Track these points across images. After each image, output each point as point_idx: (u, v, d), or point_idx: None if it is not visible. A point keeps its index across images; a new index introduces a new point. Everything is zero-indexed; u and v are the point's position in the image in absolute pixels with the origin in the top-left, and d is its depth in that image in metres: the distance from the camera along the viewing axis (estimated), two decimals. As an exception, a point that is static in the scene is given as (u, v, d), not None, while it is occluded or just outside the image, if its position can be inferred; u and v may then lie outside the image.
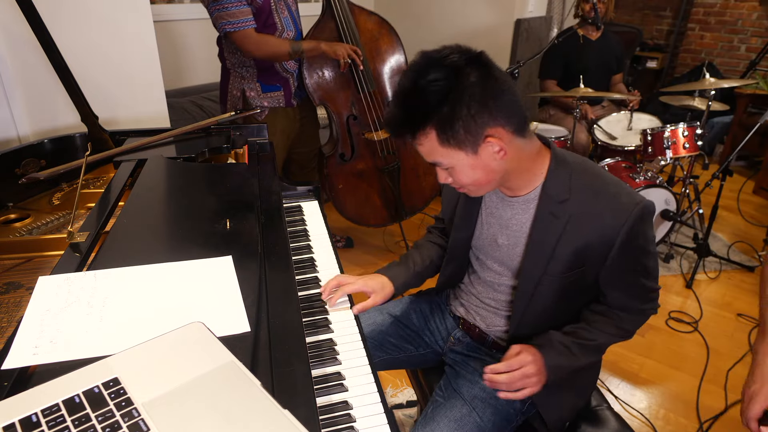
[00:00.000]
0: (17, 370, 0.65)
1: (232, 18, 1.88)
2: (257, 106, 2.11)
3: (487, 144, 0.87)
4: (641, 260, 0.98)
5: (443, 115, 0.84)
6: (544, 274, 0.99)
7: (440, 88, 0.83)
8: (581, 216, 0.94)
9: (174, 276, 0.84)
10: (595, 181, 0.96)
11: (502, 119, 0.87)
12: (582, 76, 2.70)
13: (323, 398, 0.84)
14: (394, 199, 2.62)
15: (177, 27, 2.92)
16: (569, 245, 0.95)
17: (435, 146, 0.89)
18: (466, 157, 0.89)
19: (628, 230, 0.92)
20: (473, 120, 0.84)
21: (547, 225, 0.97)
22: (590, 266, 0.98)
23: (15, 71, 1.52)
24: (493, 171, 0.92)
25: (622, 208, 0.92)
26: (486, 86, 0.84)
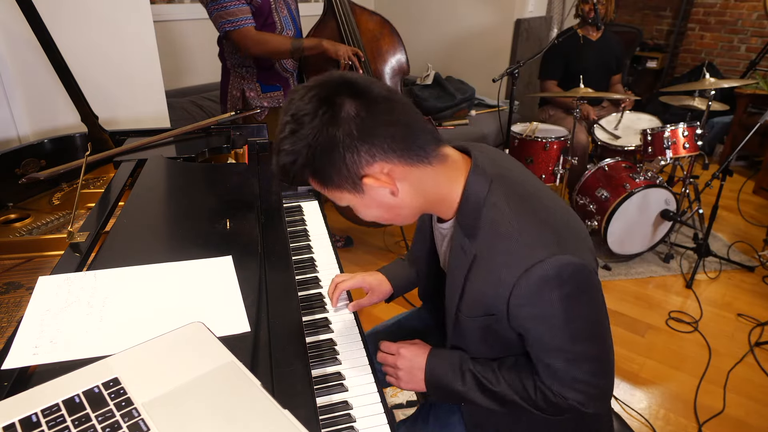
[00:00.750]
0: (17, 370, 0.66)
1: (231, 17, 1.88)
2: (257, 106, 2.11)
3: (368, 186, 0.76)
4: (545, 336, 0.79)
5: (311, 164, 0.74)
6: (459, 311, 0.86)
7: (294, 150, 0.73)
8: (483, 259, 0.79)
9: (174, 276, 0.84)
10: (506, 217, 0.77)
11: (383, 154, 0.74)
12: (582, 76, 2.70)
13: (323, 398, 0.84)
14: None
15: (177, 27, 2.92)
16: (473, 288, 0.82)
17: (321, 189, 0.80)
18: (356, 198, 0.79)
19: (521, 293, 0.75)
20: (344, 164, 0.74)
21: (457, 259, 0.83)
22: (500, 318, 0.81)
23: (15, 71, 1.52)
24: (393, 207, 0.80)
25: (518, 259, 0.75)
26: (353, 122, 0.72)
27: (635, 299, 2.42)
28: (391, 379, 0.97)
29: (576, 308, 0.77)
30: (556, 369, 0.82)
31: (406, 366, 0.95)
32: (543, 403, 0.85)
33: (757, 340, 2.14)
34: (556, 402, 0.84)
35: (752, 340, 2.14)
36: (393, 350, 0.97)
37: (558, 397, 0.84)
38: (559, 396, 0.84)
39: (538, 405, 0.86)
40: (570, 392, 0.83)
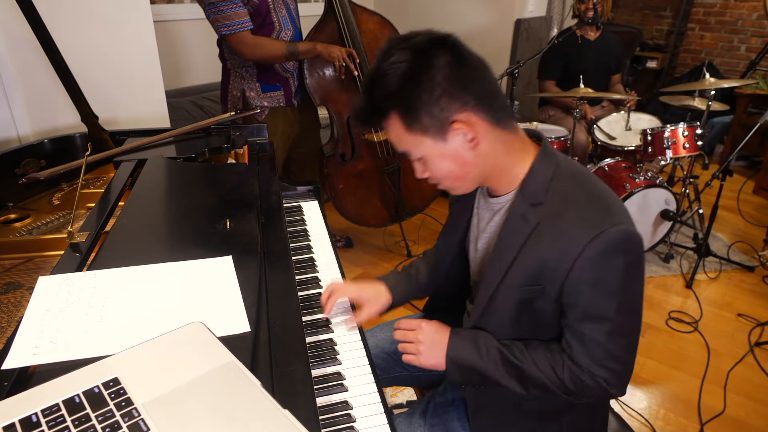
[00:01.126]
0: (17, 370, 0.65)
1: (228, 20, 1.88)
2: (257, 106, 2.11)
3: (456, 131, 0.80)
4: (595, 302, 0.81)
5: (404, 99, 0.79)
6: (501, 284, 0.87)
7: (401, 71, 0.78)
8: (548, 225, 0.82)
9: (174, 276, 0.84)
10: (576, 190, 0.83)
11: (473, 106, 0.80)
12: (582, 76, 2.70)
13: (323, 398, 0.84)
14: (394, 200, 2.62)
15: (177, 27, 2.92)
16: (531, 255, 0.83)
17: (401, 133, 0.83)
18: (434, 145, 0.82)
19: (590, 255, 0.78)
20: (437, 103, 0.78)
21: (515, 228, 0.86)
22: (548, 288, 0.84)
23: (15, 71, 1.52)
24: (467, 163, 0.84)
25: (592, 226, 0.78)
26: (453, 69, 0.78)
27: (635, 299, 2.42)
28: (410, 357, 0.95)
29: (632, 278, 0.81)
30: (597, 340, 0.83)
31: (428, 340, 0.93)
32: (569, 381, 0.86)
33: (757, 340, 2.14)
34: (582, 381, 0.85)
35: (752, 340, 2.14)
36: (414, 325, 0.96)
37: (586, 375, 0.85)
38: (587, 372, 0.85)
39: (563, 384, 0.86)
40: (600, 369, 0.84)
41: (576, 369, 0.85)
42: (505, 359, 0.89)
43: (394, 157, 2.51)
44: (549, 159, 0.87)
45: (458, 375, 0.93)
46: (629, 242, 0.79)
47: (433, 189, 2.71)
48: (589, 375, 0.85)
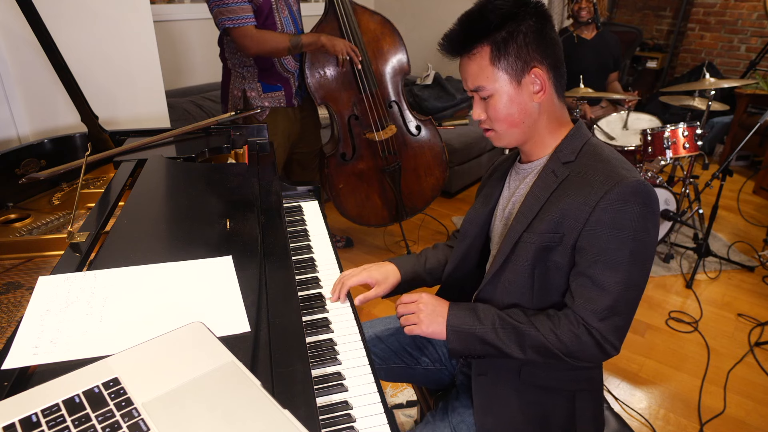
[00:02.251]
0: (17, 370, 0.65)
1: (231, 14, 1.88)
2: (258, 106, 2.11)
3: (531, 77, 0.91)
4: (610, 245, 0.86)
5: (501, 34, 0.89)
6: (526, 231, 0.93)
7: (505, 11, 0.88)
8: (577, 175, 0.91)
9: (174, 276, 0.84)
10: (605, 152, 0.94)
11: (549, 65, 0.92)
12: (582, 76, 2.70)
13: (323, 398, 0.84)
14: (394, 200, 2.62)
15: (177, 27, 2.92)
16: (557, 203, 0.91)
17: (485, 65, 0.91)
18: (509, 85, 0.92)
19: (611, 198, 0.85)
20: (526, 48, 0.89)
21: (545, 182, 0.95)
22: (567, 237, 0.90)
23: (15, 71, 1.52)
24: (526, 111, 0.93)
25: (616, 175, 0.87)
26: (543, 28, 0.90)
27: (635, 299, 2.42)
28: (412, 327, 0.99)
29: (645, 230, 0.87)
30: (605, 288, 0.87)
31: (428, 308, 0.98)
32: (567, 338, 0.89)
33: (757, 340, 2.14)
34: (578, 334, 0.88)
35: (752, 340, 2.14)
36: (414, 297, 1.01)
37: (582, 328, 0.88)
38: (584, 326, 0.88)
39: (560, 340, 0.89)
40: (598, 322, 0.87)
41: (572, 323, 0.89)
42: (504, 321, 0.93)
43: (395, 156, 2.51)
44: (581, 132, 0.98)
45: (458, 343, 0.96)
46: (647, 194, 0.86)
47: (432, 189, 2.71)
48: (585, 328, 0.88)
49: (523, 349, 0.92)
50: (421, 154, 2.59)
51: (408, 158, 2.57)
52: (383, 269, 1.15)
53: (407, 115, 2.51)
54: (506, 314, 0.94)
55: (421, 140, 2.56)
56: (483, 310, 0.96)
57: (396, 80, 2.45)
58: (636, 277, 0.88)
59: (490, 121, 0.96)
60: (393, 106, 2.48)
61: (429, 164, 2.62)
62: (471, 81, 0.95)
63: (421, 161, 2.60)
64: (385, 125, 2.44)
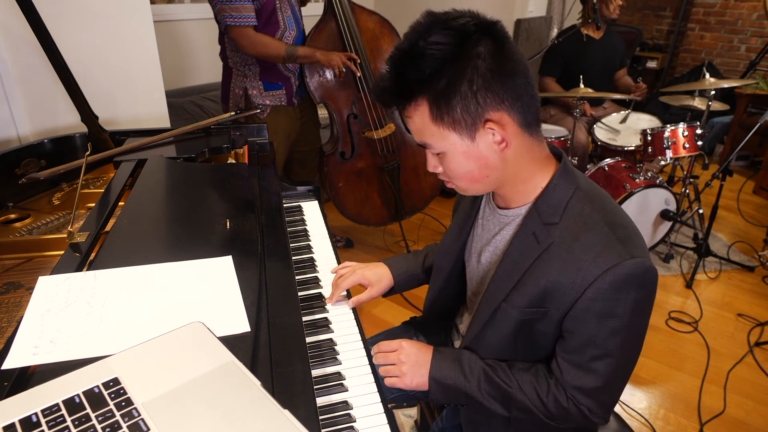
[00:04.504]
0: (17, 370, 0.65)
1: (234, 12, 1.88)
2: (259, 104, 2.11)
3: (487, 131, 0.74)
4: (599, 334, 0.77)
5: (440, 85, 0.72)
6: (504, 302, 0.83)
7: (441, 54, 0.70)
8: (561, 247, 0.77)
9: (174, 276, 0.84)
10: (595, 214, 0.78)
11: (509, 105, 0.74)
12: (583, 75, 2.69)
13: (323, 398, 0.84)
14: (394, 199, 2.62)
15: (177, 27, 2.92)
16: (539, 277, 0.79)
17: (426, 123, 0.76)
18: (460, 142, 0.76)
19: (603, 287, 0.73)
20: (474, 98, 0.72)
21: (525, 246, 0.81)
22: (552, 312, 0.80)
23: (15, 71, 1.52)
24: (489, 166, 0.78)
25: (608, 255, 0.73)
26: (496, 61, 0.71)
27: (635, 299, 2.42)
28: (394, 380, 0.92)
29: (641, 314, 0.78)
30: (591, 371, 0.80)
31: (410, 359, 0.92)
32: (553, 406, 0.84)
33: (757, 340, 2.14)
34: (565, 407, 0.83)
35: (752, 340, 2.14)
36: (395, 346, 0.94)
37: (570, 402, 0.83)
38: (572, 400, 0.83)
39: (546, 408, 0.85)
40: (586, 399, 0.82)
41: (560, 395, 0.84)
42: (489, 379, 0.87)
43: (394, 154, 2.51)
44: (569, 177, 0.82)
45: (441, 395, 0.91)
46: (645, 277, 0.74)
47: (432, 188, 2.71)
48: (573, 402, 0.83)
49: (507, 409, 0.88)
50: (421, 153, 2.59)
51: (407, 157, 2.57)
52: (376, 271, 1.11)
53: (407, 115, 2.51)
54: (493, 370, 0.88)
55: (421, 140, 2.56)
56: (468, 363, 0.90)
57: (396, 80, 2.44)
58: (627, 358, 0.82)
59: (447, 176, 0.83)
60: (392, 106, 2.47)
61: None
62: (416, 136, 0.80)
63: (420, 160, 2.60)
64: (384, 124, 2.45)
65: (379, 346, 0.97)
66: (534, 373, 0.87)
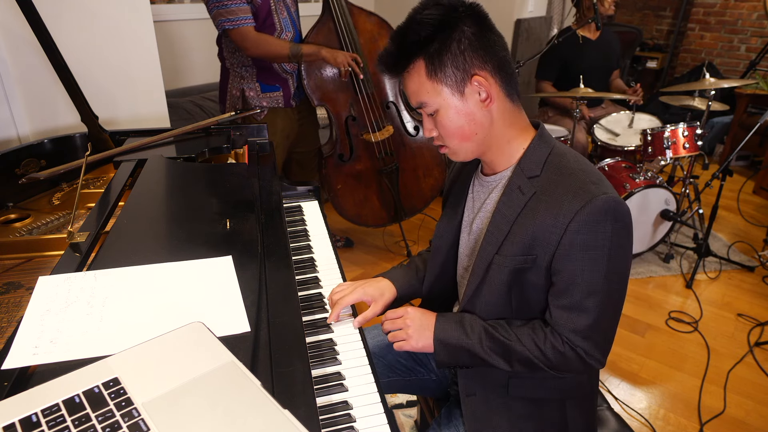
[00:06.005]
0: (17, 370, 0.65)
1: (230, 15, 1.88)
2: (256, 106, 2.11)
3: (474, 86, 0.86)
4: (584, 266, 0.84)
5: (433, 46, 0.85)
6: (497, 254, 0.91)
7: (434, 20, 0.85)
8: (544, 194, 0.87)
9: (174, 276, 0.84)
10: (570, 164, 0.89)
11: (492, 69, 0.87)
12: (582, 76, 2.69)
13: (323, 398, 0.84)
14: (393, 200, 2.62)
15: (177, 27, 2.92)
16: (526, 224, 0.88)
17: (422, 80, 0.88)
18: (452, 97, 0.87)
19: (582, 219, 0.82)
20: (462, 56, 0.85)
21: (512, 199, 0.91)
22: (541, 258, 0.88)
23: (15, 71, 1.52)
24: (476, 122, 0.89)
25: (584, 193, 0.83)
26: (480, 30, 0.86)
27: (635, 299, 2.42)
28: (401, 343, 0.98)
29: (620, 247, 0.85)
30: (584, 308, 0.86)
31: (415, 323, 0.97)
32: (551, 353, 0.90)
33: (757, 340, 2.14)
34: (562, 351, 0.89)
35: (752, 340, 2.14)
36: (400, 312, 1.00)
37: (566, 345, 0.89)
38: (568, 343, 0.89)
39: (545, 356, 0.90)
40: (581, 341, 0.88)
41: (556, 341, 0.89)
42: (490, 335, 0.93)
43: (393, 157, 2.51)
44: (545, 140, 0.93)
45: (446, 355, 0.96)
46: (618, 210, 0.83)
47: (432, 189, 2.71)
48: (569, 346, 0.88)
49: (509, 362, 0.93)
50: (420, 155, 2.59)
51: (406, 159, 2.57)
52: (378, 285, 1.11)
53: (405, 116, 2.51)
54: (493, 328, 0.93)
55: (419, 141, 2.56)
56: (470, 322, 0.95)
57: (393, 81, 2.45)
58: (614, 295, 0.88)
59: (441, 138, 0.93)
60: (390, 107, 2.48)
61: (428, 165, 2.62)
62: (413, 98, 0.91)
63: (419, 162, 2.60)
64: (382, 126, 2.44)
65: (387, 314, 1.03)
66: (531, 327, 0.93)
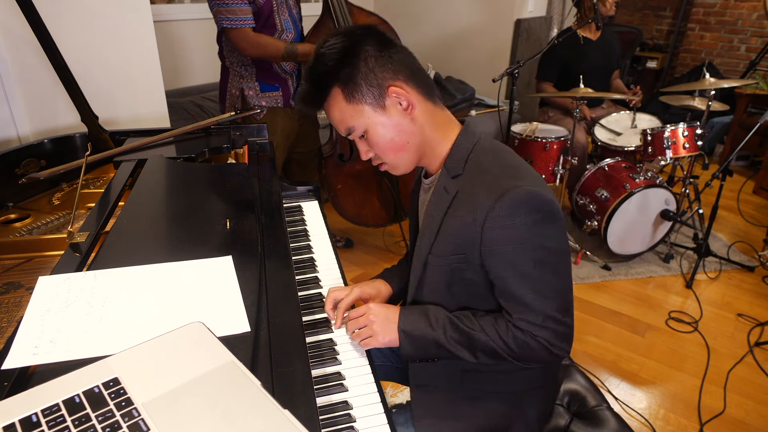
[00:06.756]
0: (17, 370, 0.66)
1: (231, 14, 1.88)
2: (256, 105, 2.11)
3: (392, 97, 0.88)
4: (511, 260, 0.85)
5: (344, 71, 0.88)
6: (431, 254, 0.93)
7: (337, 49, 0.88)
8: (463, 192, 0.89)
9: (174, 276, 0.84)
10: (488, 159, 0.90)
11: (405, 77, 0.90)
12: (582, 76, 2.69)
13: (323, 398, 0.84)
14: (392, 200, 2.62)
15: (177, 27, 2.92)
16: (452, 223, 0.89)
17: (343, 106, 0.90)
18: (375, 114, 0.89)
19: (495, 215, 0.83)
20: (373, 73, 0.88)
21: (439, 199, 0.93)
22: (470, 255, 0.89)
23: (15, 71, 1.52)
24: (405, 131, 0.91)
25: (496, 188, 0.84)
26: (382, 45, 0.89)
27: (635, 299, 2.42)
28: (368, 340, 0.95)
29: (543, 236, 0.85)
30: (527, 302, 0.87)
31: (380, 318, 0.95)
32: (514, 344, 0.89)
33: (757, 340, 2.14)
34: (525, 341, 0.89)
35: (752, 340, 2.14)
36: (363, 310, 0.98)
37: (527, 336, 0.88)
38: (528, 334, 0.88)
39: (508, 347, 0.90)
40: (540, 330, 0.88)
41: (518, 332, 0.89)
42: (455, 327, 0.92)
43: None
44: (469, 135, 0.94)
45: (411, 348, 0.95)
46: (531, 201, 0.83)
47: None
48: (530, 336, 0.88)
49: (474, 353, 0.93)
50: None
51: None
52: (373, 284, 1.12)
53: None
54: (457, 318, 0.93)
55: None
56: (434, 313, 0.95)
57: (395, 80, 2.44)
58: (554, 283, 0.87)
59: (378, 156, 0.95)
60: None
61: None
62: (340, 126, 0.93)
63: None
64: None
65: (349, 314, 1.00)
66: (494, 317, 0.93)
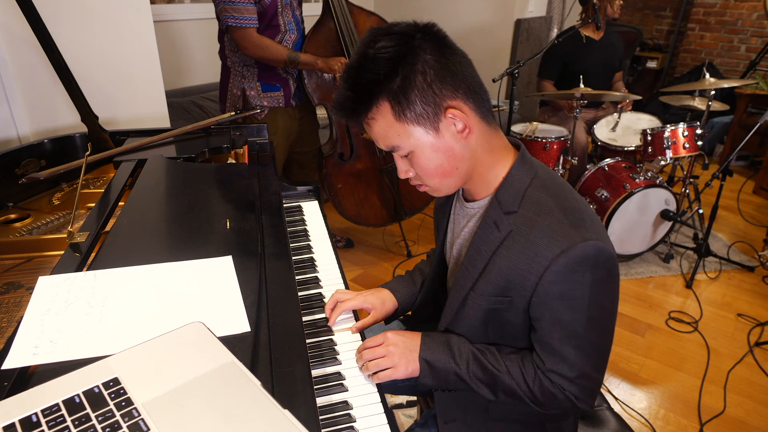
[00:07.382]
0: (17, 370, 0.66)
1: (236, 13, 1.89)
2: (257, 105, 2.11)
3: (449, 119, 0.77)
4: (563, 317, 0.79)
5: (396, 83, 0.75)
6: (472, 290, 0.86)
7: (390, 55, 0.74)
8: (519, 234, 0.80)
9: (174, 276, 0.84)
10: (551, 200, 0.80)
11: (464, 95, 0.77)
12: (583, 76, 2.69)
13: (323, 398, 0.84)
14: (393, 199, 2.62)
15: (177, 27, 2.92)
16: (501, 265, 0.81)
17: (390, 123, 0.77)
18: (426, 136, 0.78)
19: (557, 269, 0.75)
20: (431, 89, 0.75)
21: (487, 235, 0.83)
22: (516, 300, 0.82)
23: (15, 71, 1.52)
24: (456, 157, 0.80)
25: (561, 239, 0.76)
26: (442, 55, 0.76)
27: (635, 299, 2.42)
28: (387, 372, 0.87)
29: (602, 294, 0.79)
30: (565, 356, 0.82)
31: (399, 348, 0.89)
32: (539, 392, 0.85)
33: (756, 340, 2.14)
34: (552, 392, 0.84)
35: (752, 340, 2.14)
36: (379, 339, 0.91)
37: (556, 388, 0.84)
38: (557, 387, 0.84)
39: (533, 394, 0.86)
40: (569, 385, 0.84)
41: (546, 382, 0.85)
42: (479, 363, 0.87)
43: (393, 156, 2.50)
44: (527, 166, 0.84)
45: (430, 378, 0.90)
46: (598, 258, 0.76)
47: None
48: (559, 389, 0.84)
49: (495, 392, 0.88)
50: None
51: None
52: (379, 295, 1.08)
53: (407, 115, 2.51)
54: (481, 353, 0.88)
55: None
56: (458, 345, 0.90)
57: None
58: (599, 341, 0.83)
59: (420, 178, 0.84)
60: (392, 106, 2.47)
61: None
62: (382, 142, 0.81)
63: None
64: (384, 125, 2.44)
65: (364, 343, 0.94)
66: (521, 358, 0.88)
